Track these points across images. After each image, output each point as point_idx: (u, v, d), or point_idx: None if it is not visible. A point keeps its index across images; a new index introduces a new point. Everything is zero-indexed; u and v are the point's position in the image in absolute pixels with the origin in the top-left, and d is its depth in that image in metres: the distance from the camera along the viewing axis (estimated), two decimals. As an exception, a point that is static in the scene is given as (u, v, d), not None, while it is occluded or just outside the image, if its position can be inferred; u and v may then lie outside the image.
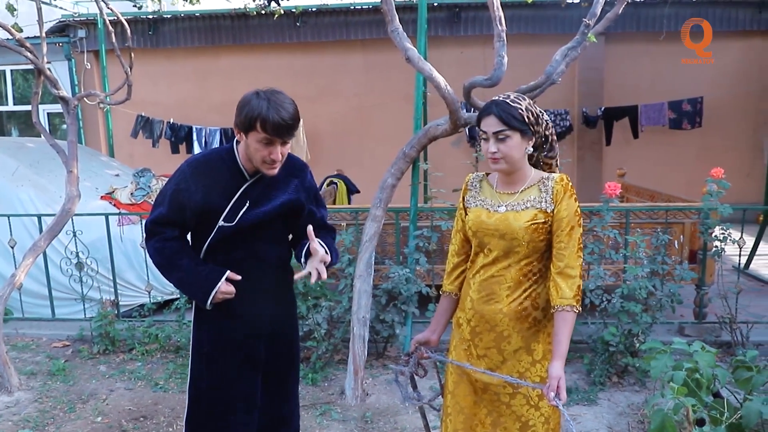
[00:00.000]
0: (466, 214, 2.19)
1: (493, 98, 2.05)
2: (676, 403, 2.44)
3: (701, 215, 4.42)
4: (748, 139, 9.63)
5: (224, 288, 2.15)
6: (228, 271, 2.17)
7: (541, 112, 2.06)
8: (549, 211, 2.02)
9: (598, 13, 3.37)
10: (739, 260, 4.77)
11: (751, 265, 6.25)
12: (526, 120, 1.99)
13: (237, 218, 2.16)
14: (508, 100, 2.01)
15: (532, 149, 2.05)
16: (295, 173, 2.30)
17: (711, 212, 4.36)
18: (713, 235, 4.36)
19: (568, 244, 2.00)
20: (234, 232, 2.17)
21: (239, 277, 2.18)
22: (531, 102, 2.04)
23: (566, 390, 1.93)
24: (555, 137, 2.13)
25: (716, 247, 4.32)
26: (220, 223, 2.16)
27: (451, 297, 2.27)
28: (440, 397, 2.41)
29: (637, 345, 3.92)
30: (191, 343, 2.33)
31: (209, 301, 2.16)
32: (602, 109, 9.26)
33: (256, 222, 2.18)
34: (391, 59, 9.23)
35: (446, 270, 2.30)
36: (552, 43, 8.73)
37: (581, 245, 2.03)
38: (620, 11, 3.54)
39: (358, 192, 7.55)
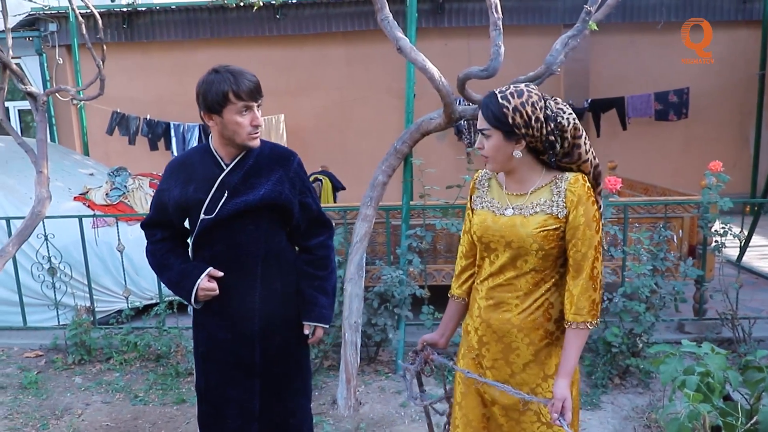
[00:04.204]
0: (473, 216, 2.01)
1: (495, 89, 1.85)
2: (691, 411, 2.30)
3: (701, 209, 4.30)
4: (734, 130, 9.58)
5: (204, 285, 2.13)
6: (210, 268, 2.15)
7: (549, 113, 1.77)
8: (561, 216, 1.80)
9: (599, 0, 3.20)
10: (740, 254, 4.65)
11: (744, 258, 6.16)
12: (511, 121, 1.75)
13: (216, 210, 2.10)
14: (499, 96, 1.78)
15: (521, 153, 1.81)
16: (280, 162, 2.19)
17: (711, 206, 4.24)
18: (713, 229, 4.25)
19: (586, 254, 1.80)
20: (215, 225, 2.12)
21: (221, 274, 2.15)
22: (535, 100, 1.76)
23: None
24: (579, 142, 1.81)
25: (716, 241, 4.21)
26: (201, 216, 2.13)
27: (458, 302, 2.10)
28: (444, 401, 2.26)
29: (640, 345, 3.78)
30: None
31: (192, 299, 2.16)
32: (588, 100, 9.14)
33: (236, 213, 2.11)
34: (373, 52, 9.08)
35: (455, 273, 2.13)
36: (536, 34, 8.73)
37: (600, 253, 1.83)
38: (620, -2, 3.37)
39: (343, 189, 7.35)
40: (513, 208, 1.87)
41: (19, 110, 9.90)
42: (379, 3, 3.37)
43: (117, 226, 4.67)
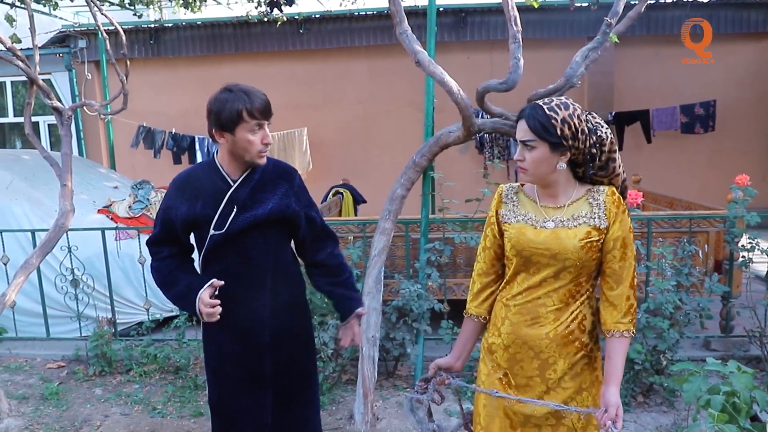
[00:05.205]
0: (500, 230, 1.97)
1: (537, 101, 1.84)
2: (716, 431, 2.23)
3: (727, 224, 4.20)
4: (762, 143, 9.39)
5: (205, 297, 2.09)
6: (213, 280, 2.14)
7: (590, 126, 1.81)
8: (602, 228, 1.81)
9: (620, 12, 3.16)
10: (768, 270, 4.53)
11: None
12: (559, 132, 1.76)
13: (226, 225, 2.12)
14: (545, 107, 1.78)
15: (564, 165, 1.82)
16: (284, 176, 2.24)
17: (737, 220, 4.14)
18: (740, 244, 4.14)
19: (624, 264, 1.82)
20: (226, 240, 2.15)
21: (221, 283, 2.14)
22: (579, 113, 1.80)
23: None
24: (614, 156, 1.86)
25: (743, 257, 4.11)
26: (211, 231, 2.14)
27: (478, 321, 2.05)
28: (462, 429, 2.20)
29: (664, 362, 3.69)
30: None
31: (197, 312, 2.15)
32: (613, 113, 9.04)
33: (246, 227, 2.13)
34: (396, 65, 9.10)
35: (472, 290, 2.07)
36: (560, 48, 8.66)
37: (635, 264, 1.85)
38: (642, 10, 3.33)
39: (364, 202, 7.35)
40: (553, 221, 1.86)
41: (48, 124, 10.12)
42: (398, 17, 3.38)
43: (139, 238, 4.72)
